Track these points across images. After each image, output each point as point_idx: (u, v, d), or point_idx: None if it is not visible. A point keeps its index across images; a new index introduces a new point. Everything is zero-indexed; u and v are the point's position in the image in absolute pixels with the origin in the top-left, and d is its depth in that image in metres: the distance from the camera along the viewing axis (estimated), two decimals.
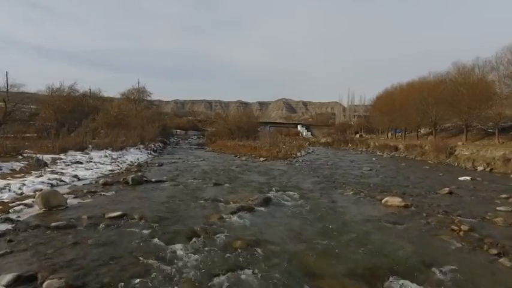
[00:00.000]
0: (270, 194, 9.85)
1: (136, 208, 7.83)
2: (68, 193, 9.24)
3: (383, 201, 9.09)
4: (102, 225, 6.47)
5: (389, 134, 53.59)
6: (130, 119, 34.80)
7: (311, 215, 7.78)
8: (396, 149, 30.57)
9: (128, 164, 16.66)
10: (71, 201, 8.34)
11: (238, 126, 43.65)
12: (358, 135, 53.82)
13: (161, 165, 17.35)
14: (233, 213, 7.60)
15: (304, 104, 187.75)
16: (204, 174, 14.32)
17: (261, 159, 22.03)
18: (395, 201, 8.95)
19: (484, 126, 35.06)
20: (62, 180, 10.77)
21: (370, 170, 16.67)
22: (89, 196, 9.09)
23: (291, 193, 10.21)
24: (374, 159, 23.90)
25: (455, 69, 33.99)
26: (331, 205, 8.82)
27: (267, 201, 8.84)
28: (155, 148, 26.71)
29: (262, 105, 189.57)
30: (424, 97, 35.22)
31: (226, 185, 11.56)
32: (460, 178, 13.50)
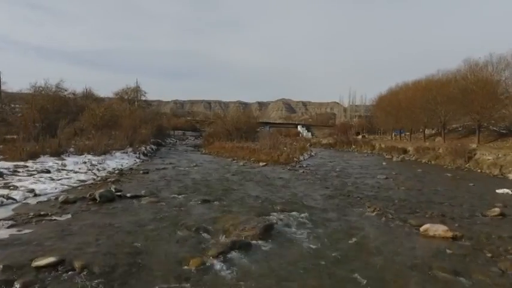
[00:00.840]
0: (272, 217, 7.59)
1: (86, 246, 5.53)
2: (6, 218, 6.94)
3: (422, 229, 6.81)
4: (17, 285, 4.18)
5: (392, 135, 51.48)
6: (123, 119, 32.57)
7: (330, 256, 5.49)
8: (405, 151, 28.30)
9: (108, 172, 14.35)
10: (1, 233, 6.05)
11: (236, 127, 41.36)
12: (360, 136, 51.52)
13: (147, 172, 15.05)
14: (221, 254, 5.32)
15: (304, 104, 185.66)
16: (194, 185, 12.02)
17: (261, 164, 19.73)
18: (438, 230, 6.66)
19: (495, 127, 32.90)
20: (11, 198, 8.47)
21: (386, 178, 14.39)
22: (34, 223, 6.81)
23: (299, 215, 7.94)
24: (384, 163, 21.62)
25: (467, 67, 31.79)
26: (354, 236, 6.53)
27: (268, 231, 6.56)
28: (146, 151, 24.39)
29: (262, 105, 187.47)
30: (433, 96, 33.01)
31: (217, 202, 9.26)
32: (498, 191, 11.21)
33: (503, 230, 6.94)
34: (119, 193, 9.72)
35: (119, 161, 17.95)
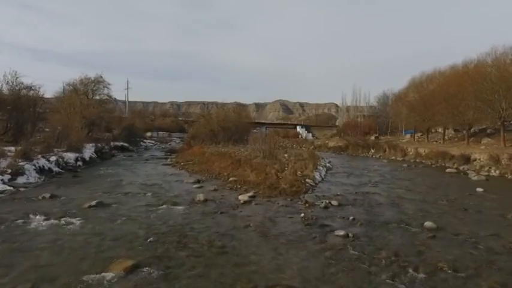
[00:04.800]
0: None
1: None
2: None
3: None
4: None
5: (408, 135, 41.10)
6: (56, 116, 21.99)
7: None
8: (467, 160, 17.75)
9: None
10: None
11: (223, 127, 30.72)
12: (373, 138, 40.87)
13: None
14: None
15: (301, 105, 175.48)
16: None
17: (241, 198, 9.02)
18: None
19: None
20: None
21: None
22: None
23: None
24: (479, 189, 10.93)
25: None
26: None
27: None
28: (49, 165, 13.53)
29: (259, 106, 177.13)
30: (489, 83, 22.58)
31: None
32: None
33: None
34: None
35: None
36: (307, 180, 11.53)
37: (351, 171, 15.99)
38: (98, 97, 32.55)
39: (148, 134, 52.39)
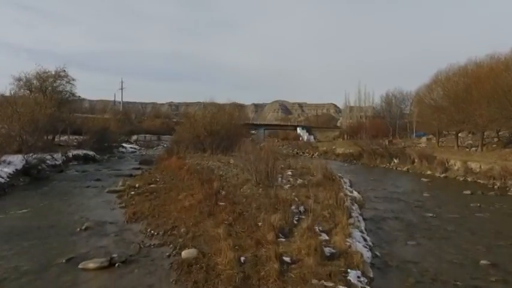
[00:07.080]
0: None
1: None
2: None
3: None
4: None
5: (424, 138, 34.64)
6: None
7: None
8: None
9: None
10: None
11: (210, 130, 24.04)
12: (387, 142, 34.19)
13: None
14: None
15: (300, 105, 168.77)
16: None
17: None
18: None
19: None
20: None
21: None
22: None
23: None
24: None
25: None
26: None
27: None
28: None
29: (258, 107, 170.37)
30: None
31: None
32: None
33: None
34: None
35: None
36: (348, 272, 4.83)
37: (400, 210, 9.32)
38: (59, 95, 26.02)
39: (134, 137, 45.67)
